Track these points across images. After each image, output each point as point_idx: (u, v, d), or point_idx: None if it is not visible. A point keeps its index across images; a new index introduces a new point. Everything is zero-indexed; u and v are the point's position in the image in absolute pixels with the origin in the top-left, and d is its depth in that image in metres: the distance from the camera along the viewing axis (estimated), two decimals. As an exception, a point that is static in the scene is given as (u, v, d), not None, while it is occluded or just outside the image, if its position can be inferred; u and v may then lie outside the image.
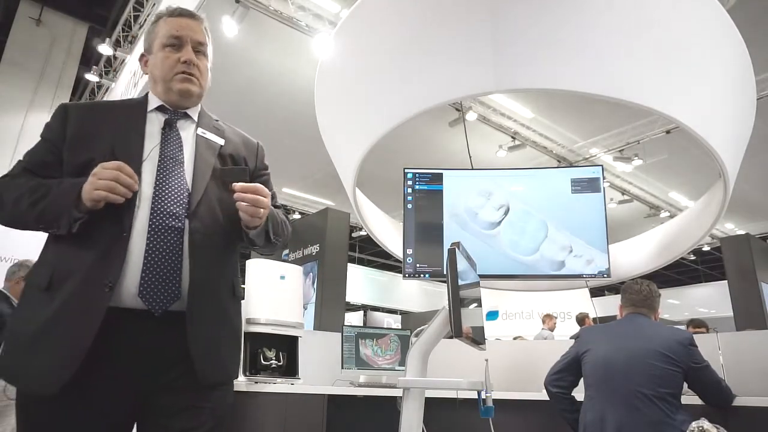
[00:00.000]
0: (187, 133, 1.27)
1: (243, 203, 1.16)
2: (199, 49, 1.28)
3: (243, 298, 1.42)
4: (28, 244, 6.22)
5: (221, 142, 1.32)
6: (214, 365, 1.14)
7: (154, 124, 1.24)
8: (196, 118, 1.31)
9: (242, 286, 1.51)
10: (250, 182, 1.21)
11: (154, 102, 1.27)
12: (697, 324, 4.71)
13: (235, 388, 1.28)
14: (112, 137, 1.17)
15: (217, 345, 1.16)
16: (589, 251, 3.01)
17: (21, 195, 1.09)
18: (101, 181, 1.04)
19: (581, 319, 6.47)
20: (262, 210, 1.18)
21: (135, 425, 1.13)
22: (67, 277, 1.05)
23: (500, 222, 3.12)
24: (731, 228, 12.37)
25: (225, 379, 1.20)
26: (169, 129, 1.24)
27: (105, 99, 8.08)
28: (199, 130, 1.29)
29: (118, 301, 1.05)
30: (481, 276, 2.17)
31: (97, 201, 1.05)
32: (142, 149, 1.18)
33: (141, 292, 1.06)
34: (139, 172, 1.11)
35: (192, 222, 1.15)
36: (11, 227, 1.16)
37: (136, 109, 1.25)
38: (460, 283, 1.50)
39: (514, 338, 7.83)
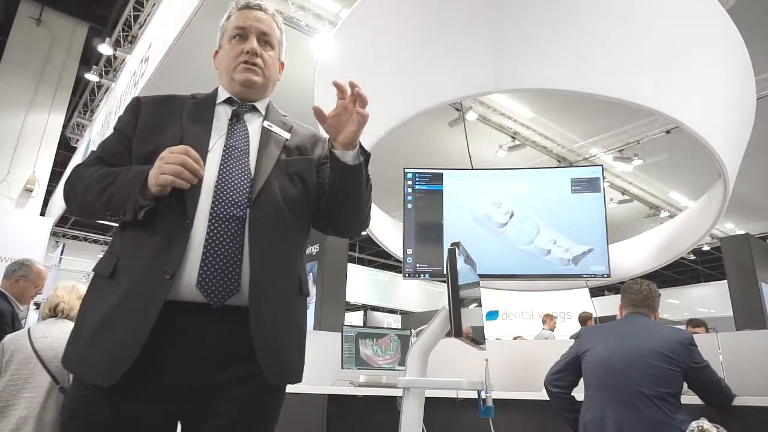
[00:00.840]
0: (254, 125, 1.25)
1: (355, 101, 1.11)
2: (264, 39, 1.27)
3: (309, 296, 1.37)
4: (27, 244, 6.23)
5: (287, 135, 1.28)
6: (281, 365, 1.10)
7: (222, 117, 1.23)
8: (263, 112, 1.29)
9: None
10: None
11: (222, 95, 1.27)
12: (696, 323, 4.72)
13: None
14: (180, 128, 1.17)
15: (282, 343, 1.11)
16: (588, 250, 3.01)
17: (90, 183, 1.10)
18: (168, 165, 1.02)
19: (584, 319, 6.46)
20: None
21: (179, 423, 1.09)
22: (131, 265, 1.04)
23: (506, 223, 3.13)
24: (731, 228, 12.37)
25: (290, 381, 1.16)
26: (235, 121, 1.23)
27: (105, 99, 8.07)
28: (266, 123, 1.26)
29: (177, 291, 1.02)
30: (483, 276, 2.18)
31: (163, 186, 1.02)
32: (208, 141, 1.17)
33: (200, 282, 1.02)
34: (204, 163, 1.09)
35: (253, 210, 1.11)
36: (83, 216, 1.19)
37: (205, 102, 1.26)
38: (460, 283, 1.50)
39: (514, 338, 7.83)
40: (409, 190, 3.17)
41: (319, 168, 1.29)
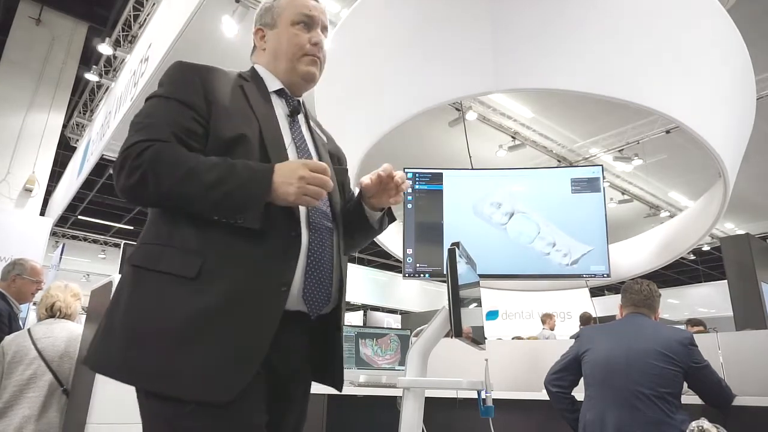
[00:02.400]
0: (302, 123, 1.20)
1: (399, 182, 1.13)
2: (325, 34, 1.22)
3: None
4: (27, 244, 6.23)
5: (325, 138, 1.26)
6: (343, 373, 1.14)
7: (279, 108, 1.15)
8: (304, 109, 1.23)
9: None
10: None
11: (272, 83, 1.17)
12: (695, 323, 4.72)
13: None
14: (254, 118, 1.06)
15: (340, 352, 1.14)
16: (587, 252, 3.00)
17: (191, 171, 0.93)
18: (313, 188, 0.95)
19: (586, 319, 6.44)
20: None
21: None
22: (229, 270, 0.93)
23: (506, 223, 3.13)
24: (731, 228, 12.37)
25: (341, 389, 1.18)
26: (292, 118, 1.16)
27: (104, 98, 8.07)
28: (311, 122, 1.22)
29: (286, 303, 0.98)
30: (483, 276, 2.17)
31: (294, 203, 0.96)
32: (282, 135, 1.09)
33: (305, 294, 1.00)
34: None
35: (335, 221, 1.11)
36: (163, 205, 0.98)
37: (259, 88, 1.15)
38: (460, 283, 1.50)
39: (512, 338, 7.82)
40: (409, 190, 3.17)
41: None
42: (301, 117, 1.20)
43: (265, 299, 0.94)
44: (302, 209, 1.03)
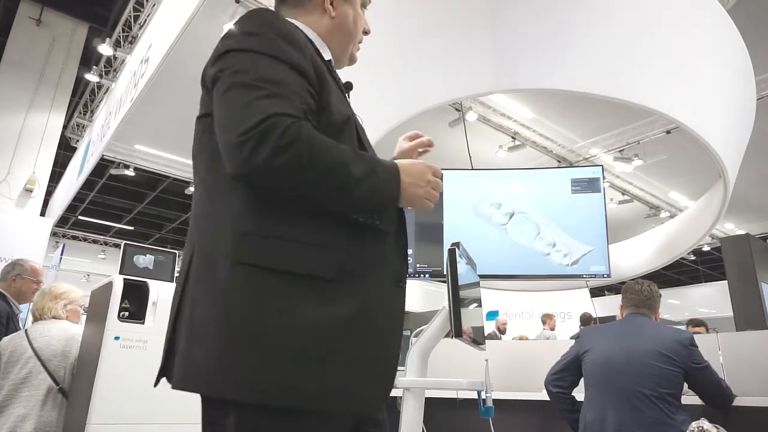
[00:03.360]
0: None
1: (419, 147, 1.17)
2: None
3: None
4: (27, 244, 6.23)
5: None
6: None
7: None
8: None
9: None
10: None
11: (324, 52, 1.04)
12: (697, 323, 4.72)
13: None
14: (341, 99, 0.96)
15: None
16: (586, 252, 3.01)
17: (341, 161, 0.81)
18: (436, 193, 0.93)
19: (586, 320, 6.44)
20: None
21: None
22: (362, 269, 0.85)
23: (506, 224, 3.13)
24: (731, 228, 12.37)
25: None
26: (347, 96, 1.06)
27: (105, 99, 8.07)
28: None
29: None
30: (484, 276, 2.17)
31: (416, 207, 0.92)
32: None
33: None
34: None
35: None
36: (296, 195, 0.81)
37: (322, 58, 0.99)
38: (460, 283, 1.50)
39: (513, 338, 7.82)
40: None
41: None
42: None
43: (394, 299, 0.90)
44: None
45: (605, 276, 2.96)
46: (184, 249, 0.92)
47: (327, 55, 1.04)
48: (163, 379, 0.88)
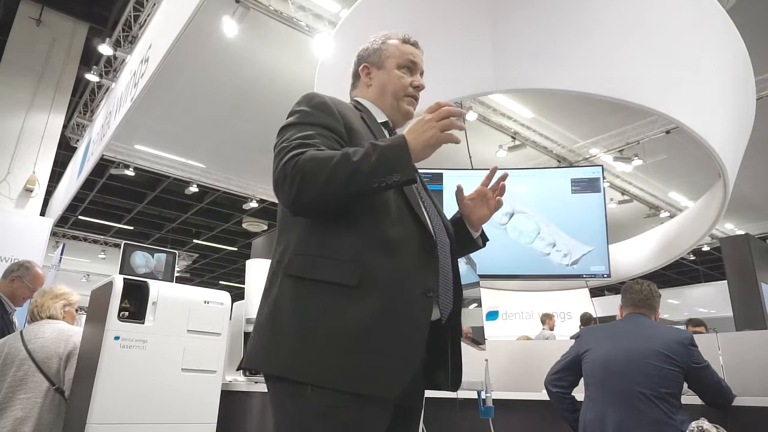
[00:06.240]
0: None
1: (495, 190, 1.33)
2: (422, 77, 1.40)
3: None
4: (27, 244, 6.23)
5: None
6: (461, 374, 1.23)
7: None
8: None
9: (240, 285, 1.52)
10: None
11: (379, 115, 1.33)
12: (696, 323, 4.72)
13: (236, 389, 1.29)
14: (371, 138, 1.19)
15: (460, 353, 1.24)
16: (587, 252, 3.01)
17: (342, 157, 1.02)
18: (445, 121, 1.05)
19: (586, 320, 6.43)
20: None
21: None
22: (383, 278, 1.03)
23: (506, 224, 3.13)
24: (731, 228, 12.37)
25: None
26: None
27: (105, 99, 8.07)
28: None
29: None
30: (484, 276, 2.17)
31: (436, 147, 1.06)
32: None
33: (438, 301, 1.12)
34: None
35: (449, 236, 1.25)
36: (323, 199, 1.04)
37: (372, 118, 1.30)
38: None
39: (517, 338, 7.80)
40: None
41: None
42: None
43: (420, 305, 1.05)
44: (430, 227, 1.14)
45: (605, 276, 2.96)
46: None
47: (381, 118, 1.33)
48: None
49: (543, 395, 2.31)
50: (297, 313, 1.01)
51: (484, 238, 1.42)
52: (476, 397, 1.49)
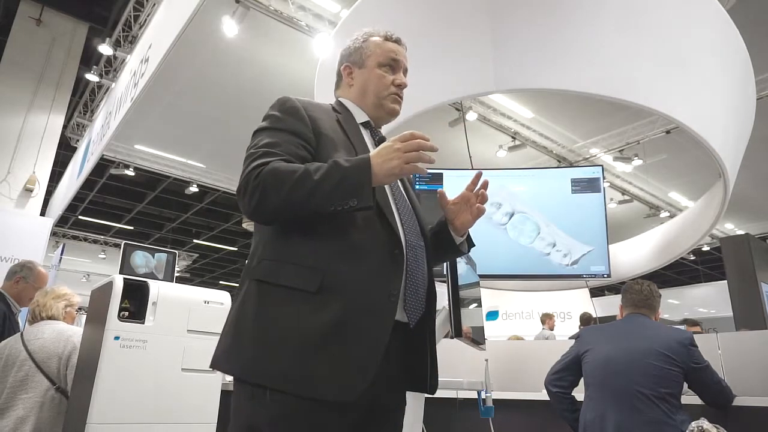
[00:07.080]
0: None
1: (477, 196, 1.29)
2: (405, 75, 1.38)
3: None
4: (27, 244, 6.23)
5: None
6: (437, 376, 1.22)
7: (368, 139, 1.30)
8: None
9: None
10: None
11: (360, 115, 1.33)
12: (692, 323, 4.74)
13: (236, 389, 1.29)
14: (351, 145, 1.20)
15: (435, 357, 1.23)
16: (586, 252, 3.00)
17: (304, 173, 1.03)
18: (412, 153, 1.04)
19: (586, 320, 6.42)
20: None
21: None
22: (344, 284, 1.04)
23: (506, 224, 3.13)
24: (731, 228, 12.37)
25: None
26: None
27: (105, 99, 8.06)
28: None
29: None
30: (484, 276, 2.17)
31: (399, 176, 1.06)
32: None
33: (405, 305, 1.12)
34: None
35: (425, 239, 1.23)
36: (286, 213, 1.06)
37: (351, 120, 1.29)
38: (460, 283, 1.50)
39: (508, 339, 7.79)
40: (409, 190, 3.17)
41: None
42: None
43: (378, 309, 1.05)
44: (401, 232, 1.14)
45: (605, 276, 2.96)
46: None
47: (362, 118, 1.32)
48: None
49: (543, 395, 2.31)
50: (258, 317, 1.02)
51: (470, 244, 1.39)
52: (476, 397, 1.49)
